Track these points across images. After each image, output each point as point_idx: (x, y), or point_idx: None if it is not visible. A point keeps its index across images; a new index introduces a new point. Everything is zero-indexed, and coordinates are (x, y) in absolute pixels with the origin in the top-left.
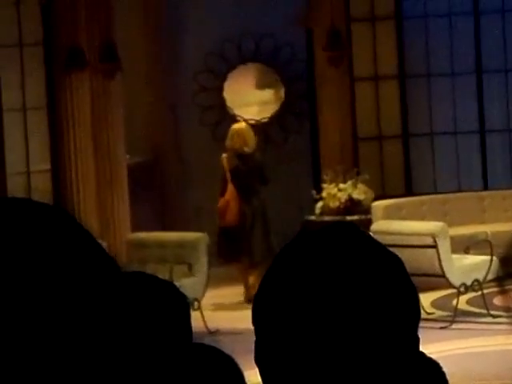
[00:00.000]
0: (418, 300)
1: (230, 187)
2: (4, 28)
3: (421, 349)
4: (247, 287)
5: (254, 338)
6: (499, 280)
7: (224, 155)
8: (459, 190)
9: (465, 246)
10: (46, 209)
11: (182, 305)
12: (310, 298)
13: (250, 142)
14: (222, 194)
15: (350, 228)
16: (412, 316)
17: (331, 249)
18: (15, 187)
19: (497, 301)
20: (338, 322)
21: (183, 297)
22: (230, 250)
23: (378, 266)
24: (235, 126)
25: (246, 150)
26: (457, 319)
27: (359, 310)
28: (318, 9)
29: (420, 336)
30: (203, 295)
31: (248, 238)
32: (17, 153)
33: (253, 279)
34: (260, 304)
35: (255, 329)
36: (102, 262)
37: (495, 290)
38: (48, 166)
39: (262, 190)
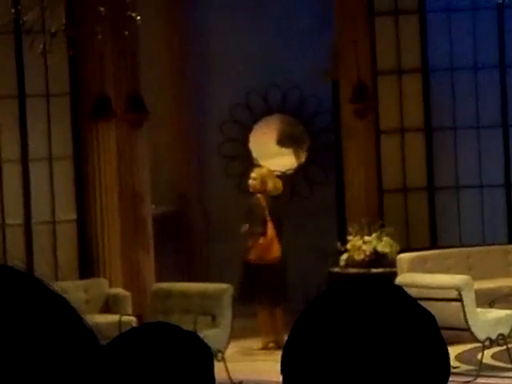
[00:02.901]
0: (448, 357)
1: (270, 225)
2: (31, 78)
3: None
4: (271, 332)
5: None
6: None
7: (259, 195)
8: (484, 244)
9: (490, 299)
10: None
11: (206, 356)
12: (339, 351)
13: (278, 185)
14: (264, 233)
15: (383, 281)
16: (441, 373)
17: (363, 302)
18: (40, 236)
19: None
20: (367, 376)
21: (207, 348)
22: (257, 289)
23: (409, 321)
24: (262, 170)
25: (277, 192)
26: (482, 373)
27: (389, 366)
28: (345, 61)
29: None
30: (227, 346)
31: (284, 277)
32: (42, 202)
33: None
34: (290, 353)
35: (283, 378)
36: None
37: None
38: (74, 216)
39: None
